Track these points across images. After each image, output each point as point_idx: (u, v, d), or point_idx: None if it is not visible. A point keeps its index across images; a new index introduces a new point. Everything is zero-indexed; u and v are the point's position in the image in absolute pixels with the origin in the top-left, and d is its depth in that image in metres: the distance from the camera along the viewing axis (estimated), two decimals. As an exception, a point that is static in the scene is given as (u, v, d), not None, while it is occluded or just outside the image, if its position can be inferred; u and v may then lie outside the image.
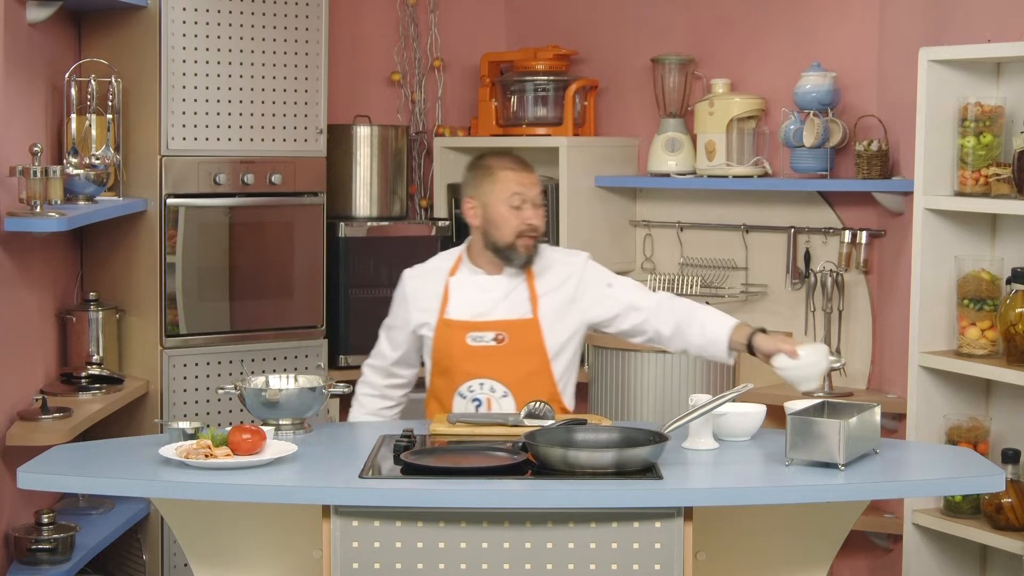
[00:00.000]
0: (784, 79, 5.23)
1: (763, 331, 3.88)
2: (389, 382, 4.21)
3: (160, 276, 4.91)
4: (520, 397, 3.92)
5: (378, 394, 4.23)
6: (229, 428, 3.43)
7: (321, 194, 5.29)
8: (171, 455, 3.36)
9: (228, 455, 3.35)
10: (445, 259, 4.13)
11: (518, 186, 3.99)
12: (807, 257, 5.25)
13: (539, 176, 4.09)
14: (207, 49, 4.98)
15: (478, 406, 3.96)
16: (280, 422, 3.68)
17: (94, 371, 4.68)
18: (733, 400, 3.52)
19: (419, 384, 4.26)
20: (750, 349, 3.85)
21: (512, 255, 4.00)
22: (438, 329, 4.02)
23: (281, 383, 3.78)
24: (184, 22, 4.90)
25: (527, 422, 3.70)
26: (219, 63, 5.01)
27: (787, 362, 3.73)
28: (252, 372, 4.94)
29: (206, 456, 3.33)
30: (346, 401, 5.54)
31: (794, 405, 3.61)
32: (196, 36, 4.94)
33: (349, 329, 5.47)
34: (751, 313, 5.43)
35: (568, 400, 4.06)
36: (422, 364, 4.18)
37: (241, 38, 5.06)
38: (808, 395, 4.06)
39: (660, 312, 4.00)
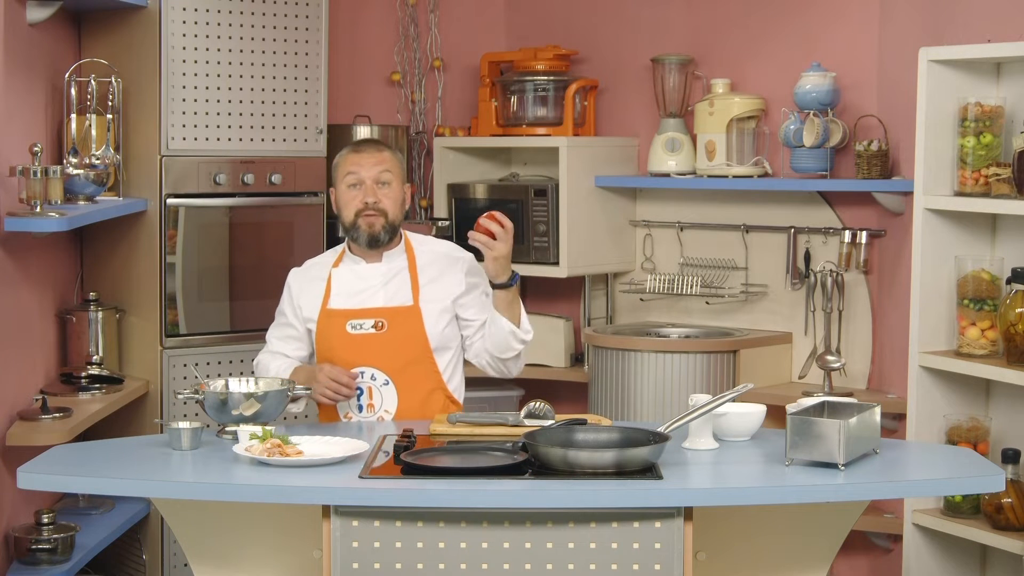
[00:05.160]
0: (784, 79, 5.23)
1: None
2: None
3: (160, 276, 4.91)
4: (402, 385, 3.91)
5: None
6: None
7: (321, 194, 5.29)
8: (243, 453, 3.35)
9: (299, 453, 3.36)
10: (330, 254, 4.12)
11: (353, 166, 3.96)
12: (807, 257, 5.25)
13: (391, 155, 3.98)
14: (207, 49, 4.98)
15: (360, 394, 3.92)
16: (242, 427, 3.51)
17: (94, 371, 4.67)
18: (733, 400, 3.52)
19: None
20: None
21: (356, 235, 3.96)
22: (320, 320, 4.00)
23: (240, 387, 3.69)
24: (184, 22, 4.90)
25: (527, 422, 3.70)
26: (219, 63, 5.01)
27: None
28: (208, 376, 4.80)
29: (281, 454, 3.33)
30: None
31: (794, 405, 3.61)
32: (196, 36, 4.94)
33: (349, 329, 5.47)
34: (751, 313, 5.44)
35: (456, 391, 4.01)
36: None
37: (241, 38, 5.06)
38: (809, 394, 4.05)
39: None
